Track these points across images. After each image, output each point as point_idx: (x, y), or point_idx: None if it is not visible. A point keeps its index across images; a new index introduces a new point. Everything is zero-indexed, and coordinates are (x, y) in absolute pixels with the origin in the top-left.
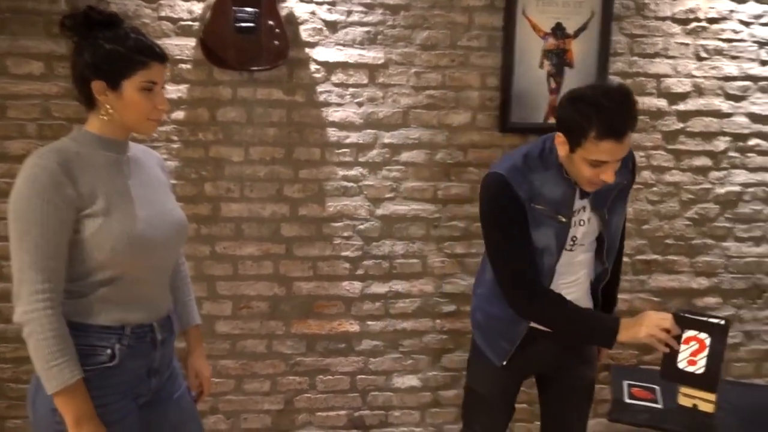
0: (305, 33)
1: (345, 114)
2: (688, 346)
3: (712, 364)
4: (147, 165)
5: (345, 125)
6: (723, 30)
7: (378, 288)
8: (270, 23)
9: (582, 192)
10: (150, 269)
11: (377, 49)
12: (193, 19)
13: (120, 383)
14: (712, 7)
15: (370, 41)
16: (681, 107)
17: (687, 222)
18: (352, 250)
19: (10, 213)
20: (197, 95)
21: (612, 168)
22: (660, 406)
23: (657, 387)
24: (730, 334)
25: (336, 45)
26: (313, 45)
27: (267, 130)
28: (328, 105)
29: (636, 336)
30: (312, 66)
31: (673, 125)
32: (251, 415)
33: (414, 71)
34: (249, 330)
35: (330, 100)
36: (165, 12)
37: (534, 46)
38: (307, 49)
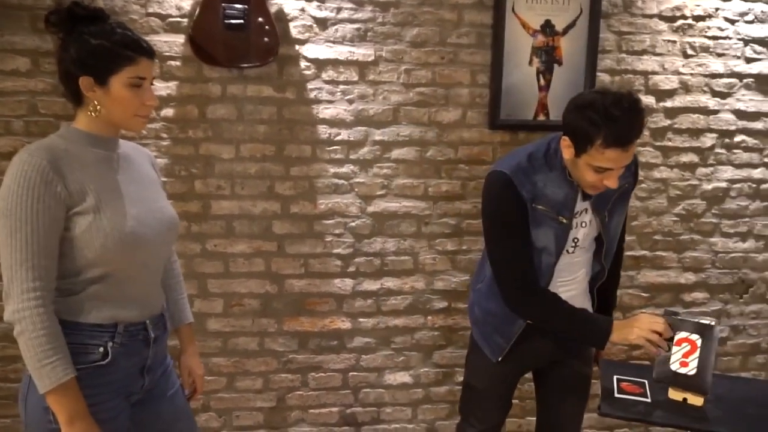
0: (295, 30)
1: (335, 111)
2: (680, 347)
3: (704, 365)
4: (137, 162)
5: (336, 122)
6: (709, 27)
7: (369, 285)
8: (259, 20)
9: (584, 194)
10: (141, 267)
11: (367, 46)
12: (182, 16)
13: (112, 381)
14: (698, 5)
15: (360, 38)
16: (668, 104)
17: (675, 218)
18: (343, 247)
19: None
20: (186, 92)
21: (616, 174)
22: (649, 400)
23: (646, 381)
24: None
25: (326, 42)
26: (303, 42)
27: (257, 127)
28: (318, 102)
29: (627, 338)
30: (302, 63)
31: (661, 122)
32: (243, 413)
33: (404, 68)
34: (240, 327)
35: (320, 97)
36: (153, 8)
37: (523, 43)
38: (297, 46)
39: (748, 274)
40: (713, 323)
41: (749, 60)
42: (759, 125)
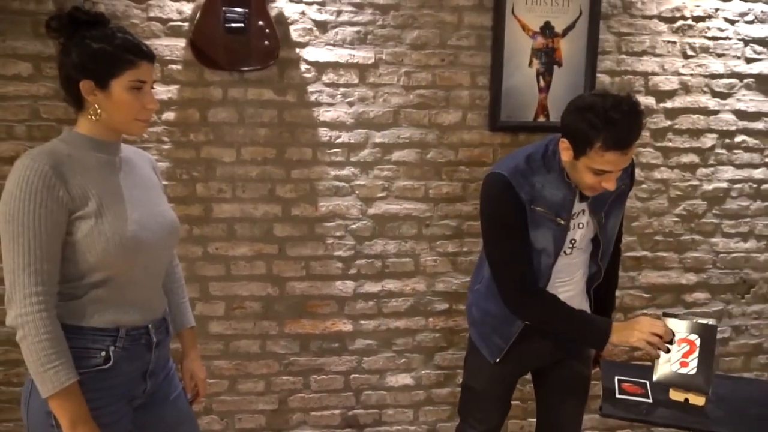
0: (295, 33)
1: (336, 114)
2: (679, 348)
3: (703, 365)
4: (138, 166)
5: (336, 125)
6: (709, 28)
7: (371, 287)
8: (260, 23)
9: (582, 195)
10: (142, 271)
11: (367, 49)
12: (183, 20)
13: (115, 386)
14: (697, 6)
15: (360, 41)
16: (668, 105)
17: (675, 218)
18: (344, 249)
19: (1, 215)
20: (187, 96)
21: (614, 177)
22: (650, 400)
23: (647, 382)
24: (718, 328)
25: (326, 45)
26: (304, 45)
27: (258, 130)
28: (319, 105)
29: (628, 340)
30: (302, 66)
31: (661, 123)
32: (245, 416)
33: (404, 71)
34: (242, 330)
35: (321, 100)
36: (154, 12)
37: (523, 45)
38: (298, 49)
39: (749, 274)
40: (711, 322)
41: (749, 60)
42: (759, 125)
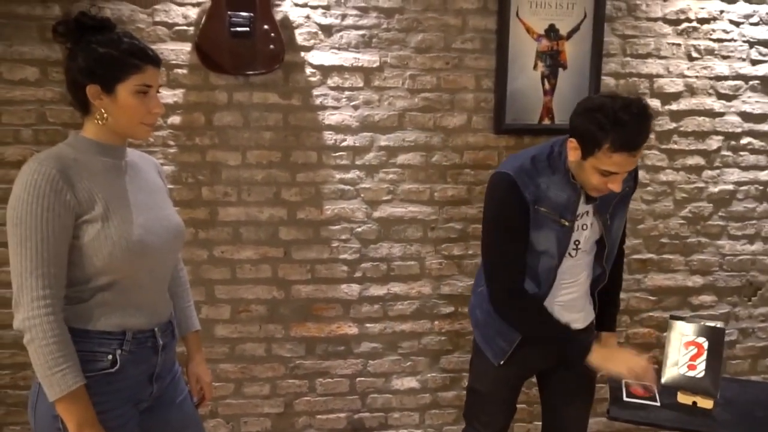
0: (300, 37)
1: (341, 117)
2: (687, 350)
3: (711, 368)
4: (144, 170)
5: (341, 128)
6: (714, 30)
7: (376, 290)
8: (265, 27)
9: (587, 197)
10: (148, 274)
11: (372, 53)
12: (188, 24)
13: (121, 389)
14: (702, 8)
15: (364, 44)
16: (674, 107)
17: (681, 221)
18: (349, 252)
19: (9, 219)
20: (193, 100)
21: (621, 178)
22: (658, 403)
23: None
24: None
25: (331, 48)
26: (309, 49)
27: (263, 133)
28: (324, 108)
29: (610, 371)
30: (307, 69)
31: (666, 125)
32: (251, 419)
33: (409, 74)
34: (248, 333)
35: (326, 103)
36: (160, 17)
37: (528, 47)
38: (303, 53)
39: (756, 276)
40: (719, 325)
41: (755, 62)
42: (765, 127)
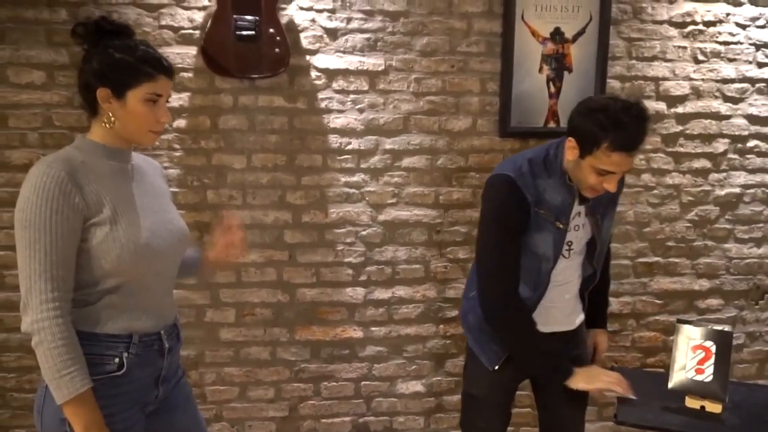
0: (306, 40)
1: (346, 120)
2: (694, 354)
3: (719, 372)
4: (148, 174)
5: (346, 132)
6: (720, 33)
7: (381, 294)
8: (270, 31)
9: (581, 198)
10: (154, 277)
11: (377, 56)
12: (194, 28)
13: (128, 392)
14: (708, 10)
15: (370, 48)
16: (680, 110)
17: (687, 224)
18: (354, 256)
19: (17, 222)
20: (198, 103)
21: (617, 178)
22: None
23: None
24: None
25: (336, 52)
26: (314, 52)
27: (269, 137)
28: (329, 112)
29: (594, 385)
30: (313, 73)
31: (672, 128)
32: (256, 423)
33: (414, 77)
34: (253, 337)
35: (331, 106)
36: (166, 21)
37: (533, 51)
38: (308, 56)
39: (763, 280)
40: (727, 329)
41: (761, 65)
42: None
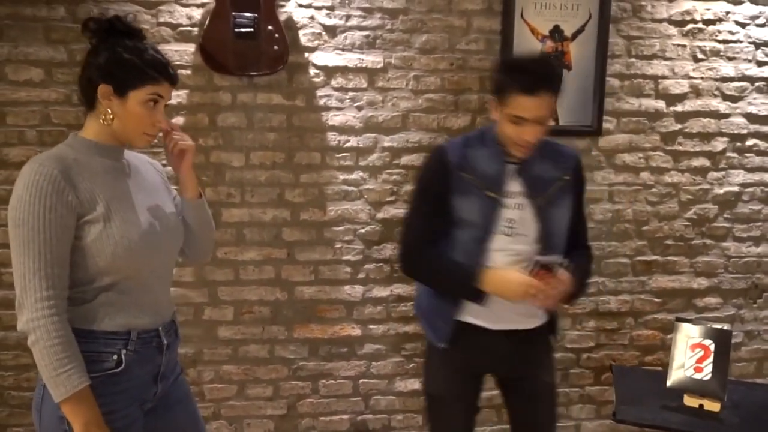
0: (304, 38)
1: (345, 118)
2: (693, 353)
3: (718, 370)
4: (142, 170)
5: (345, 129)
6: (719, 31)
7: (379, 292)
8: (269, 28)
9: (516, 172)
10: (150, 274)
11: (376, 53)
12: (193, 25)
13: (127, 389)
14: (708, 9)
15: (369, 45)
16: (679, 108)
17: (686, 222)
18: (353, 254)
19: (11, 220)
20: (197, 100)
21: (532, 129)
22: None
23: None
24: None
25: (335, 49)
26: (313, 49)
27: (267, 134)
28: (327, 109)
29: (507, 298)
30: (311, 70)
31: (671, 126)
32: (254, 421)
33: (413, 75)
34: (251, 335)
35: (330, 104)
36: (164, 18)
37: (532, 48)
38: (307, 54)
39: (761, 278)
40: (726, 328)
41: (760, 63)
42: None
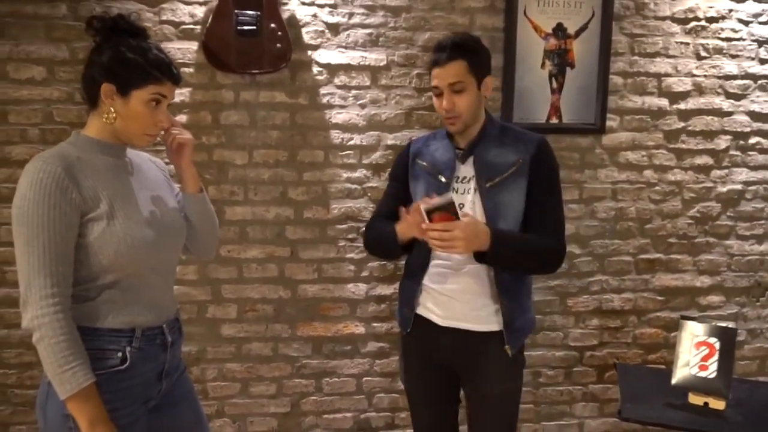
0: (307, 35)
1: (348, 116)
2: (698, 351)
3: (723, 368)
4: (144, 168)
5: (348, 127)
6: (722, 29)
7: (383, 290)
8: (272, 26)
9: (470, 158)
10: (152, 271)
11: (379, 51)
12: (195, 23)
13: (131, 387)
14: (711, 6)
15: (371, 43)
16: (682, 106)
17: (689, 221)
18: (356, 252)
19: (15, 218)
20: (200, 98)
21: (448, 97)
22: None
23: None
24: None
25: (338, 47)
26: (315, 47)
27: (270, 132)
28: (330, 107)
29: (407, 234)
30: (314, 68)
31: (675, 124)
32: (257, 419)
33: (416, 73)
34: (254, 333)
35: (333, 102)
36: (167, 16)
37: (535, 46)
38: (310, 52)
39: (764, 277)
40: (731, 326)
41: (763, 61)
42: None
